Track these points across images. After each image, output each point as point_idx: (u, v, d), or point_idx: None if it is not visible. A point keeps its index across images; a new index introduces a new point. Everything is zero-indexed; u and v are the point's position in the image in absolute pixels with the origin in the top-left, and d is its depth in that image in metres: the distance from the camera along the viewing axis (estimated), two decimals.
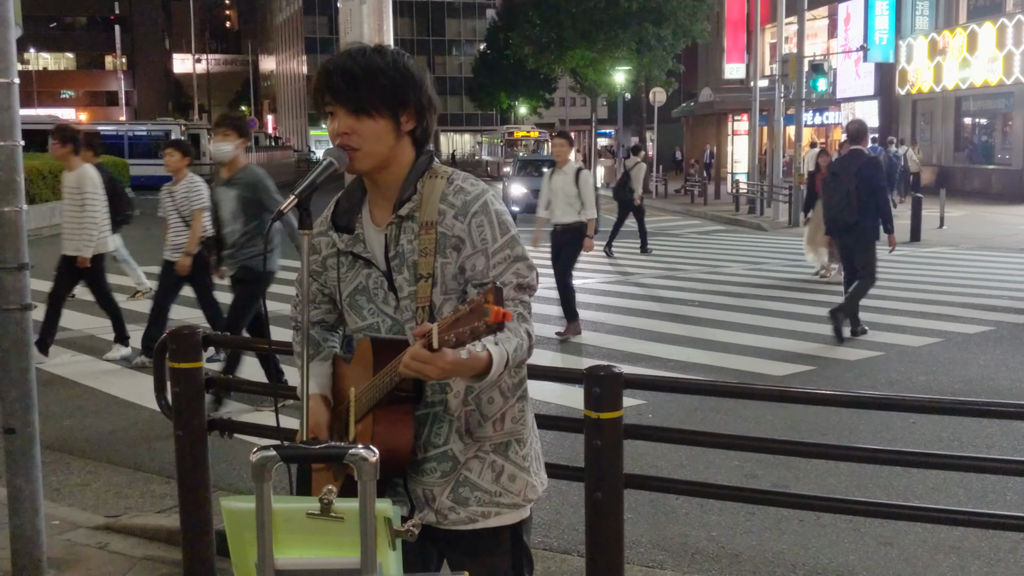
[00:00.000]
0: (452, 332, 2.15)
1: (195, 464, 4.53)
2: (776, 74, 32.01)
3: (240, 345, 6.89)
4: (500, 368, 2.44)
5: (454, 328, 2.15)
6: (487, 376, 2.42)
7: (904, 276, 16.54)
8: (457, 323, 2.15)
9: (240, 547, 2.17)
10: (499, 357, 2.42)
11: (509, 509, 2.72)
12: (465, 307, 2.16)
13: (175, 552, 4.92)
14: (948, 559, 5.39)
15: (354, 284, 2.72)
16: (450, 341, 2.16)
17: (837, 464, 6.54)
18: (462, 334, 2.14)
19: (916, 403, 5.04)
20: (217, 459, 5.56)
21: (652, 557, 5.39)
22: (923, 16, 40.10)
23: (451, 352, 2.22)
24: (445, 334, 2.16)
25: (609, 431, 3.82)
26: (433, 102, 2.67)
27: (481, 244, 2.58)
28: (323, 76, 2.59)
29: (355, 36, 4.96)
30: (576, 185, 11.27)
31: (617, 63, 44.60)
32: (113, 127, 52.64)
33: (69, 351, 10.43)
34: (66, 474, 6.67)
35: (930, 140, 40.08)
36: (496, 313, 2.10)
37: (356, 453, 2.06)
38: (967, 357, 10.31)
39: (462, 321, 2.14)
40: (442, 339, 2.17)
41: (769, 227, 26.83)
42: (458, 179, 2.65)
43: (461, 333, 2.14)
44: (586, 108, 61.92)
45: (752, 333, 11.43)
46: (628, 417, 3.92)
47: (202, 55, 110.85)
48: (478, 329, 2.13)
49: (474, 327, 2.13)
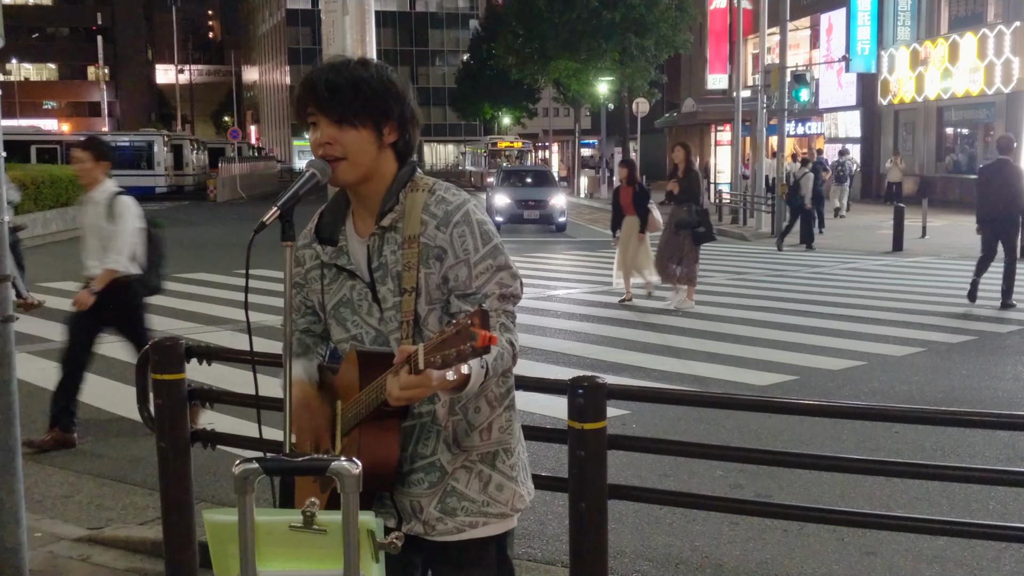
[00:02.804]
0: (438, 354, 2.15)
1: (178, 476, 4.52)
2: (758, 84, 32.12)
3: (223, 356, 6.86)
4: (479, 380, 2.44)
5: (440, 350, 2.15)
6: (465, 389, 2.42)
7: (886, 286, 16.61)
8: (443, 344, 2.15)
9: (223, 560, 2.17)
10: (477, 370, 2.42)
11: (497, 519, 2.72)
12: (451, 329, 2.15)
13: (158, 564, 4.91)
14: (931, 568, 5.40)
15: (338, 296, 2.72)
16: (436, 363, 2.16)
17: (820, 474, 6.56)
18: (448, 356, 2.15)
19: (898, 413, 5.05)
20: (200, 471, 5.54)
21: (636, 567, 5.39)
22: (905, 27, 40.30)
23: (437, 373, 2.22)
24: (431, 355, 2.16)
25: (593, 441, 3.82)
26: (416, 115, 2.69)
27: (463, 254, 2.58)
28: (306, 86, 2.60)
29: (338, 47, 4.96)
30: (109, 219, 7.82)
31: (600, 74, 44.67)
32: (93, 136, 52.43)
33: (51, 362, 10.36)
34: (48, 486, 6.64)
35: (912, 150, 40.25)
36: (483, 338, 2.11)
37: (339, 465, 2.06)
38: (949, 366, 10.35)
39: (448, 343, 2.14)
40: (428, 360, 2.17)
41: (752, 237, 26.89)
42: (440, 190, 2.66)
43: (447, 355, 2.14)
44: (569, 118, 61.93)
45: (735, 343, 11.45)
46: (612, 427, 3.92)
47: (185, 66, 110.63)
48: (464, 352, 2.13)
49: (460, 349, 2.13)
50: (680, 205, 14.23)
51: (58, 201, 27.95)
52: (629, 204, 14.74)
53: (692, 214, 14.03)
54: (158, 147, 50.17)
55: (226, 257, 20.49)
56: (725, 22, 49.44)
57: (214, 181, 50.06)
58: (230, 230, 29.18)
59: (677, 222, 14.13)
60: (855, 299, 15.03)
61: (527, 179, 31.40)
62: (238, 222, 32.40)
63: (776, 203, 26.93)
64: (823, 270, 19.21)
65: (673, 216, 14.26)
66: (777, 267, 19.87)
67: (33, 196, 26.15)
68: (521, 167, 39.89)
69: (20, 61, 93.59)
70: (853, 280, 17.56)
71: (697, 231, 14.04)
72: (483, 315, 2.14)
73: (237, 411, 6.71)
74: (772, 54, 33.34)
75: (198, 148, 58.74)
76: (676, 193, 14.25)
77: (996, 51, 34.13)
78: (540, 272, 18.34)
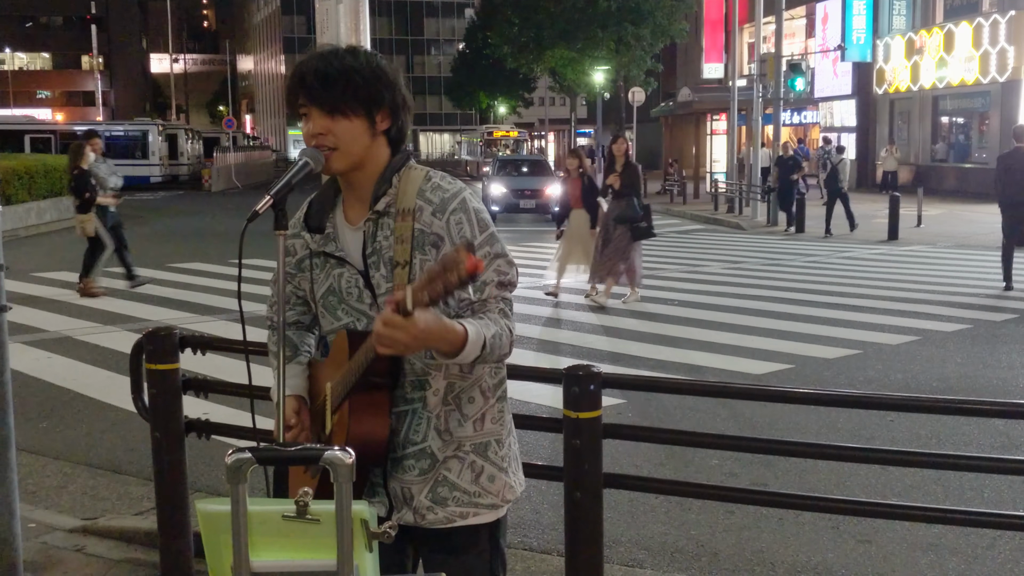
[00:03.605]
0: (425, 290, 2.13)
1: (172, 466, 4.51)
2: (754, 74, 32.07)
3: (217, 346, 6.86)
4: (475, 349, 2.43)
5: (427, 286, 2.13)
6: (462, 352, 2.41)
7: (882, 274, 16.62)
8: (429, 280, 2.13)
9: (216, 550, 2.16)
10: (475, 335, 2.41)
11: (487, 509, 2.72)
12: (437, 265, 2.14)
13: (153, 554, 4.90)
14: (926, 556, 5.41)
15: (327, 285, 2.71)
16: (423, 300, 2.14)
17: (816, 462, 6.56)
18: (434, 289, 2.12)
19: (894, 401, 5.06)
20: (195, 460, 5.53)
21: (632, 556, 5.39)
22: (900, 16, 40.27)
23: (423, 316, 2.20)
24: (418, 293, 2.14)
25: (588, 431, 3.82)
26: (407, 102, 2.67)
27: (461, 241, 2.57)
28: (296, 77, 2.59)
29: (332, 36, 4.94)
30: None
31: (596, 63, 44.62)
32: (90, 127, 52.39)
33: (45, 352, 10.37)
34: (42, 476, 6.63)
35: (907, 139, 40.26)
36: (470, 262, 2.08)
37: (332, 455, 2.05)
38: (945, 355, 10.35)
39: (434, 278, 2.12)
40: (416, 298, 2.14)
41: (748, 226, 26.91)
42: (435, 177, 2.65)
43: (434, 288, 2.12)
44: (565, 108, 61.91)
45: (731, 332, 11.45)
46: (607, 416, 3.92)
47: (179, 55, 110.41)
48: (450, 282, 2.10)
49: (446, 280, 2.10)
50: (620, 199, 13.58)
51: (52, 190, 27.88)
52: (578, 197, 13.95)
53: (633, 208, 13.43)
54: (152, 136, 50.03)
55: (220, 246, 20.46)
56: (721, 11, 49.39)
57: (209, 171, 50.02)
58: (224, 220, 29.15)
59: (617, 216, 13.48)
60: (850, 288, 15.04)
61: (523, 168, 31.37)
62: (233, 211, 32.36)
63: (771, 191, 26.94)
64: (818, 259, 19.22)
65: (612, 211, 13.64)
66: (772, 256, 19.87)
67: (27, 186, 26.09)
68: (517, 156, 39.86)
69: (14, 50, 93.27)
70: (848, 269, 17.57)
71: (637, 226, 13.42)
72: (468, 246, 2.13)
73: (231, 401, 6.72)
74: (768, 43, 33.38)
75: (193, 137, 58.66)
76: (616, 187, 13.62)
77: (991, 40, 34.12)
78: (536, 261, 18.31)
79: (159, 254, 19.59)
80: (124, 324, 11.86)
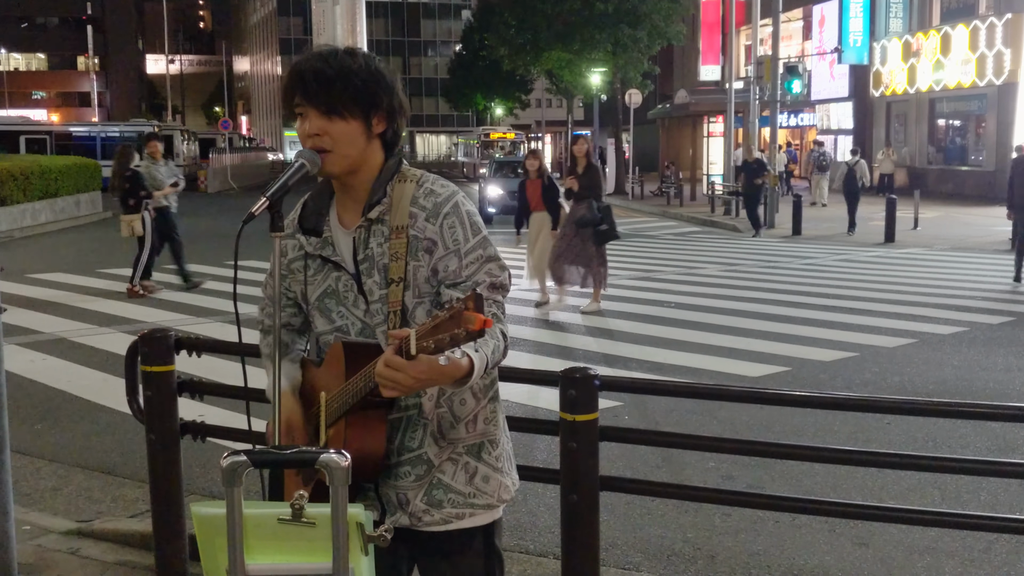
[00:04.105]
0: (431, 339, 2.13)
1: (167, 468, 4.50)
2: (751, 76, 32.12)
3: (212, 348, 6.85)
4: (481, 373, 2.42)
5: (433, 335, 2.13)
6: (468, 381, 2.39)
7: (878, 277, 16.63)
8: (436, 329, 2.12)
9: (211, 553, 2.15)
10: (480, 362, 2.39)
11: (483, 510, 2.71)
12: (444, 313, 2.13)
13: (148, 557, 4.88)
14: (923, 559, 5.40)
15: (323, 287, 2.70)
16: (428, 347, 2.14)
17: (812, 465, 6.56)
18: (441, 340, 2.12)
19: (890, 404, 5.04)
20: (190, 463, 5.52)
21: (628, 559, 5.39)
22: (897, 18, 40.32)
23: (427, 359, 2.19)
24: (424, 340, 2.13)
25: (585, 433, 3.81)
26: (403, 105, 2.67)
27: (453, 245, 2.56)
28: (294, 77, 2.58)
29: (328, 37, 4.94)
30: None
31: (593, 64, 44.62)
32: (85, 128, 52.34)
33: (40, 353, 10.35)
34: (37, 478, 6.61)
35: (904, 142, 40.30)
36: (480, 320, 2.08)
37: (328, 458, 2.04)
38: (941, 358, 10.36)
39: (441, 327, 2.12)
40: (420, 345, 2.14)
41: (744, 228, 26.90)
42: (428, 182, 2.64)
43: (440, 340, 2.12)
44: (562, 109, 61.97)
45: (727, 334, 11.44)
46: (604, 419, 3.90)
47: (175, 56, 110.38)
48: (458, 336, 2.10)
49: (454, 334, 2.10)
50: (580, 202, 13.17)
51: (47, 192, 27.86)
52: (538, 199, 13.52)
53: (593, 211, 13.02)
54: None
55: (216, 248, 20.42)
56: (718, 13, 49.48)
57: (205, 172, 49.93)
58: (220, 221, 29.12)
59: (578, 220, 13.06)
60: (847, 290, 15.05)
61: (519, 170, 31.33)
62: (228, 213, 32.34)
63: (768, 194, 26.95)
64: (815, 261, 19.23)
65: (573, 214, 13.21)
66: (769, 259, 19.88)
67: (22, 187, 26.06)
68: (514, 158, 39.85)
69: (9, 51, 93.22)
70: (845, 271, 17.58)
71: (599, 229, 13.05)
72: (477, 298, 2.12)
73: (227, 403, 6.71)
74: (765, 45, 33.40)
75: (189, 138, 58.53)
76: (576, 190, 13.19)
77: (988, 43, 34.17)
78: None
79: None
80: (119, 326, 11.84)
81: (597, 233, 13.04)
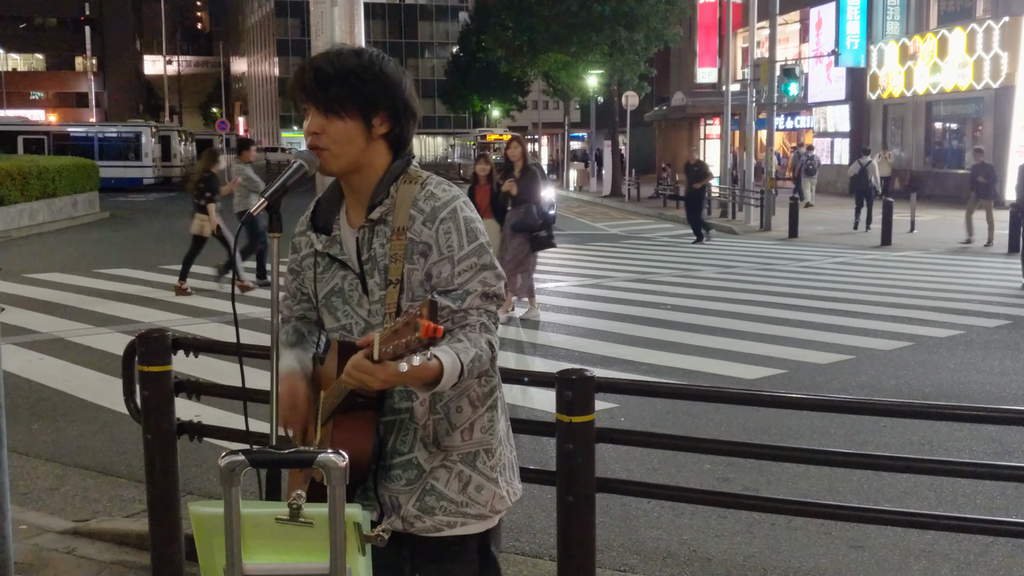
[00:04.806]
0: (390, 344, 2.15)
1: (164, 468, 4.50)
2: (748, 78, 32.13)
3: (210, 348, 6.86)
4: (453, 378, 2.40)
5: (391, 340, 2.15)
6: (438, 385, 2.38)
7: (874, 280, 16.64)
8: (395, 335, 2.15)
9: (208, 552, 2.15)
10: (451, 366, 2.38)
11: (475, 520, 2.70)
12: (401, 320, 2.16)
13: (144, 557, 4.88)
14: (919, 563, 5.41)
15: (330, 285, 2.70)
16: (388, 353, 2.16)
17: (808, 468, 6.56)
18: (398, 347, 2.14)
19: (887, 407, 5.05)
20: (187, 462, 5.52)
21: (624, 561, 5.39)
22: (894, 21, 40.34)
23: (392, 364, 2.19)
24: (384, 345, 2.16)
25: (581, 435, 3.81)
26: (411, 107, 2.65)
27: (447, 251, 2.56)
28: (298, 75, 2.60)
29: (326, 38, 4.94)
30: None
31: (590, 67, 44.60)
32: (83, 128, 52.33)
33: (37, 353, 10.35)
34: (34, 478, 6.61)
35: (901, 145, 40.32)
36: (426, 328, 2.09)
37: (326, 458, 2.05)
38: (938, 361, 10.36)
39: (399, 333, 2.15)
40: (382, 351, 2.16)
41: (740, 231, 26.93)
42: (431, 184, 2.64)
43: (397, 346, 2.14)
44: (559, 111, 61.99)
45: (724, 337, 11.45)
46: (600, 421, 3.91)
47: (173, 57, 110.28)
48: (412, 343, 2.12)
49: (408, 340, 2.12)
50: (519, 206, 12.52)
51: (45, 192, 27.85)
52: (487, 206, 12.58)
53: (531, 216, 12.45)
54: (146, 138, 49.88)
55: (213, 248, 20.40)
56: (715, 16, 49.47)
57: None
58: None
59: (515, 224, 12.48)
60: (843, 293, 15.06)
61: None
62: (226, 214, 32.27)
63: (765, 197, 26.99)
64: (811, 264, 19.24)
65: (510, 219, 12.57)
66: (765, 261, 19.89)
67: (20, 187, 26.06)
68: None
69: (7, 51, 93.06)
70: (841, 274, 17.59)
71: (537, 235, 12.52)
72: (432, 305, 2.14)
73: (224, 403, 6.71)
74: (762, 48, 33.37)
75: (186, 139, 58.52)
76: (514, 194, 12.49)
77: (985, 46, 34.19)
78: None
79: (152, 256, 19.56)
80: (116, 326, 11.84)
81: (534, 240, 12.58)
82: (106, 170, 39.50)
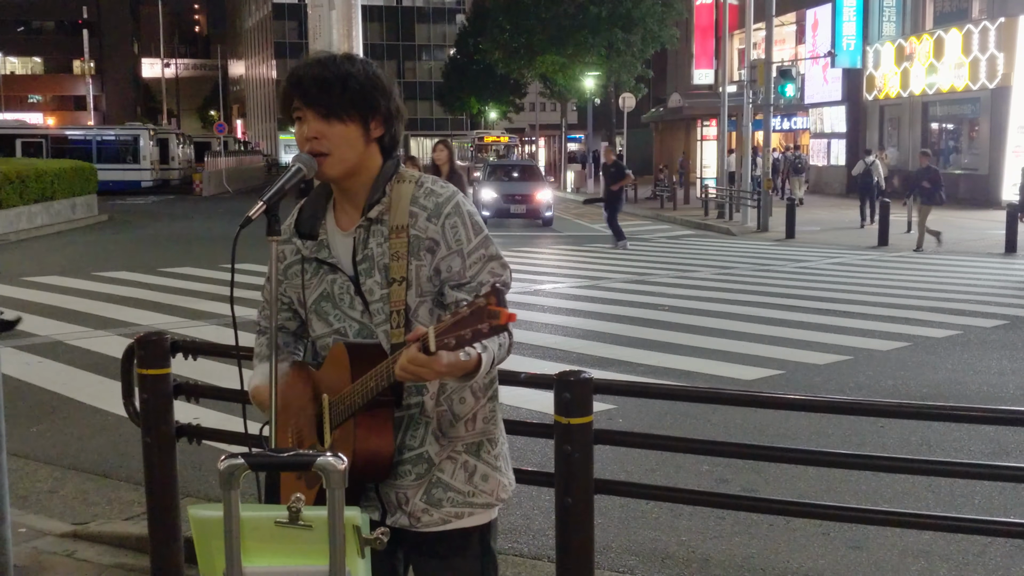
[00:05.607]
0: (452, 335, 2.16)
1: (163, 471, 4.50)
2: (744, 80, 32.14)
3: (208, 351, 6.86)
4: (487, 366, 2.46)
5: (453, 331, 2.16)
6: (476, 375, 2.44)
7: (872, 280, 16.66)
8: (457, 326, 2.15)
9: (208, 556, 2.16)
10: (487, 355, 2.44)
11: (482, 509, 2.73)
12: (465, 309, 2.16)
13: (143, 560, 4.89)
14: (917, 563, 5.42)
15: (319, 291, 2.72)
16: (449, 344, 2.17)
17: (806, 468, 6.57)
18: (463, 337, 2.15)
19: (884, 407, 5.06)
20: (186, 466, 5.53)
21: (622, 562, 5.40)
22: (890, 22, 40.37)
23: (447, 355, 2.23)
24: (444, 337, 2.16)
25: (579, 436, 3.82)
26: (400, 110, 2.70)
27: (456, 245, 2.59)
28: (293, 81, 2.61)
29: (324, 41, 4.95)
30: None
31: (587, 68, 44.65)
32: (81, 132, 52.33)
33: (36, 356, 10.35)
34: (33, 481, 6.61)
35: (897, 145, 40.34)
36: (505, 315, 2.12)
37: (324, 461, 2.05)
38: (935, 361, 10.38)
39: (462, 324, 2.15)
40: (440, 342, 2.17)
41: (738, 232, 26.95)
42: (427, 182, 2.67)
43: (461, 336, 2.15)
44: (556, 113, 61.92)
45: (721, 337, 11.46)
46: (598, 422, 3.91)
47: (171, 60, 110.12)
48: (481, 331, 2.14)
49: (476, 329, 2.14)
50: None
51: (43, 195, 27.85)
52: None
53: None
54: (144, 141, 49.88)
55: (212, 252, 20.43)
56: (711, 17, 49.44)
57: (200, 175, 49.89)
58: (216, 224, 29.12)
59: None
60: (841, 294, 15.07)
61: (513, 174, 31.40)
62: (224, 216, 32.33)
63: (762, 197, 27.01)
64: (808, 265, 19.25)
65: None
66: (763, 262, 19.90)
67: (18, 190, 26.05)
68: (508, 162, 39.85)
69: (5, 55, 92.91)
70: (838, 275, 17.60)
71: None
72: (499, 293, 2.15)
73: (223, 406, 6.71)
74: (758, 49, 33.38)
75: (184, 142, 58.55)
76: None
77: (981, 47, 34.22)
78: (526, 267, 18.34)
79: (150, 259, 19.55)
80: (115, 329, 11.84)
81: None
82: (104, 173, 39.45)
